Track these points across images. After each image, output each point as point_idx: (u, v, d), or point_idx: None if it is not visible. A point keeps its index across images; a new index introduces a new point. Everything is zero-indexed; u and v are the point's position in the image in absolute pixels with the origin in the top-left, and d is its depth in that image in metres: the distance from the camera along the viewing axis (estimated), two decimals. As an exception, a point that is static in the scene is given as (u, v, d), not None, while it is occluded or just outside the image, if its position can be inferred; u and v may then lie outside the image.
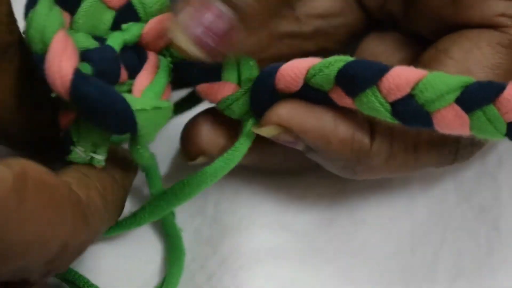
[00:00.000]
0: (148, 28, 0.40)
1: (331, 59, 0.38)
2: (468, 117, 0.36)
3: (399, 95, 0.37)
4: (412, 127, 0.38)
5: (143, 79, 0.40)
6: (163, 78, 0.40)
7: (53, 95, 0.37)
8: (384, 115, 0.37)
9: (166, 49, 0.41)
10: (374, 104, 0.37)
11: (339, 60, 0.38)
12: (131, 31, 0.40)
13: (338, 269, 0.43)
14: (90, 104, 0.36)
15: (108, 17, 0.40)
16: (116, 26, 0.40)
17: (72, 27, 0.39)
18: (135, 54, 0.40)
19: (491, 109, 0.36)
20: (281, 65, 0.39)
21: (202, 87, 0.41)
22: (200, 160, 0.42)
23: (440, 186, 0.45)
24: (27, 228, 0.31)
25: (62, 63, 0.35)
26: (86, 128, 0.39)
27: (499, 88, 0.36)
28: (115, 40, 0.40)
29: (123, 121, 0.37)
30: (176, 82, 0.41)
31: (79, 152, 0.39)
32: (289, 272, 0.42)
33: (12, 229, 0.31)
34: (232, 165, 0.40)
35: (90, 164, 0.39)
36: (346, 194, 0.45)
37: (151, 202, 0.41)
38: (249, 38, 0.39)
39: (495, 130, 0.37)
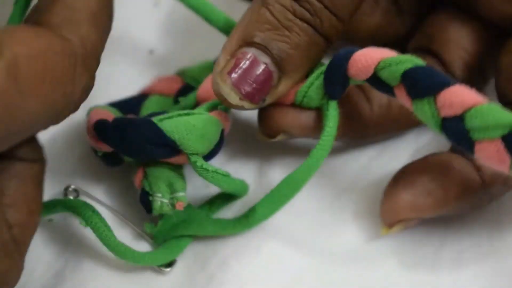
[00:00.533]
0: (201, 89, 0.44)
1: (403, 57, 0.39)
2: (510, 158, 0.36)
3: (450, 113, 0.37)
4: (456, 147, 0.38)
5: None
6: (204, 105, 0.42)
7: (99, 153, 0.42)
8: (433, 126, 0.38)
9: None
10: (427, 113, 0.38)
11: (409, 61, 0.38)
12: (187, 100, 0.45)
13: (338, 269, 0.43)
14: (116, 135, 0.40)
15: (169, 103, 0.46)
16: (177, 101, 0.46)
17: None
18: None
19: None
20: (355, 51, 0.40)
21: None
22: (279, 138, 0.43)
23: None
24: (30, 103, 0.33)
25: (91, 122, 0.42)
26: (153, 174, 0.41)
27: None
28: (172, 110, 0.43)
29: (149, 134, 0.39)
30: None
31: (158, 200, 0.41)
32: (291, 273, 0.42)
33: (15, 109, 0.33)
34: (329, 149, 0.41)
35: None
36: (346, 195, 0.45)
37: (266, 199, 0.42)
38: (291, 85, 0.41)
39: None
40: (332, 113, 0.41)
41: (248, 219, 0.42)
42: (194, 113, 0.41)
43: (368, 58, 0.39)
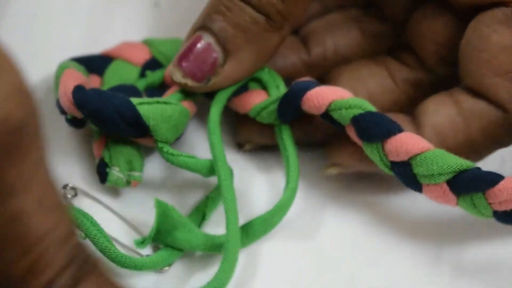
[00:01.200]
0: (167, 71, 0.44)
1: (353, 101, 0.40)
2: (456, 197, 0.39)
3: (397, 159, 0.39)
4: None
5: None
6: (177, 94, 0.44)
7: (68, 116, 0.42)
8: (383, 167, 0.40)
9: None
10: (376, 157, 0.40)
11: (358, 106, 0.40)
12: (155, 76, 0.46)
13: (340, 270, 0.42)
14: (94, 107, 0.41)
15: (134, 72, 0.46)
16: (144, 75, 0.46)
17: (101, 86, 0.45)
18: (159, 91, 0.45)
19: (479, 197, 0.39)
20: (309, 87, 0.41)
21: (232, 101, 0.44)
22: (248, 147, 0.46)
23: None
24: None
25: (67, 83, 0.42)
26: (115, 147, 0.42)
27: (493, 181, 0.38)
28: (140, 84, 0.45)
29: (126, 115, 0.40)
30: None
31: (115, 173, 0.42)
32: (291, 273, 0.42)
33: None
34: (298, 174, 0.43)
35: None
36: (345, 195, 0.45)
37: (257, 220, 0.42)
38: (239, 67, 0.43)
39: (480, 214, 0.39)
40: (286, 138, 0.43)
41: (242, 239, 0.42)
42: (171, 103, 0.42)
43: (320, 98, 0.41)
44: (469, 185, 0.38)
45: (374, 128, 0.40)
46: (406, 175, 0.39)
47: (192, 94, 0.44)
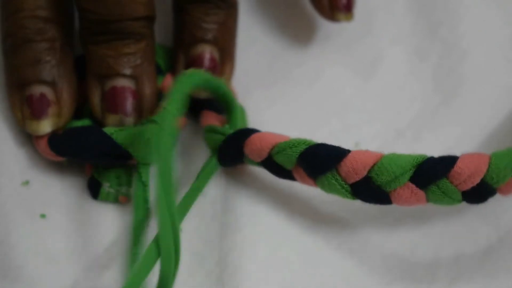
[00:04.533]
0: (166, 81, 0.44)
1: (296, 140, 0.40)
2: (424, 192, 0.39)
3: (357, 178, 0.39)
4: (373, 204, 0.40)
5: None
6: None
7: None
8: (345, 195, 0.40)
9: None
10: (335, 186, 0.40)
11: (302, 143, 0.40)
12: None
13: (337, 269, 0.42)
14: (72, 151, 0.42)
15: None
16: None
17: None
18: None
19: (444, 182, 0.39)
20: (253, 132, 0.41)
21: (202, 114, 0.45)
22: None
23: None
24: None
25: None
26: (103, 166, 0.43)
27: (450, 162, 0.39)
28: None
29: (105, 149, 0.41)
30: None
31: (106, 188, 0.43)
32: (288, 272, 0.42)
33: None
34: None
35: None
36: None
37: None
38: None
39: (451, 200, 0.39)
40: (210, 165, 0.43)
41: None
42: (155, 121, 0.41)
43: (262, 142, 0.41)
44: (431, 173, 0.39)
45: (325, 156, 0.40)
46: (371, 190, 0.39)
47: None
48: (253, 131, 0.41)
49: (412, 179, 0.39)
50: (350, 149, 0.40)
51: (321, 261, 0.42)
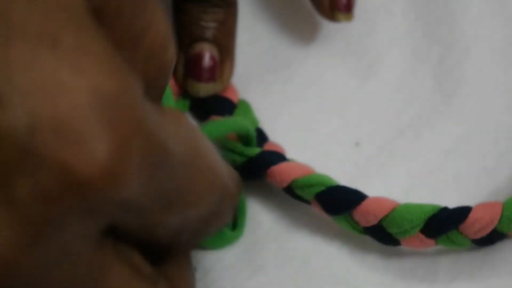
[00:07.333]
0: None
1: (313, 178, 0.41)
2: (434, 240, 0.40)
3: (368, 224, 0.40)
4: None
5: None
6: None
7: None
8: (358, 233, 0.41)
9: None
10: (348, 226, 0.41)
11: (320, 183, 0.41)
12: None
13: (337, 265, 0.42)
14: None
15: None
16: None
17: None
18: None
19: (454, 233, 0.40)
20: (274, 162, 0.41)
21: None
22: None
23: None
24: None
25: None
26: None
27: (462, 216, 0.40)
28: None
29: None
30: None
31: None
32: (287, 271, 0.42)
33: None
34: None
35: None
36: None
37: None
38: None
39: (460, 246, 0.41)
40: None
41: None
42: None
43: (282, 175, 0.41)
44: (441, 227, 0.40)
45: (339, 202, 0.41)
46: (382, 235, 0.41)
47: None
48: (272, 159, 0.42)
49: (423, 231, 0.40)
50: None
51: (321, 261, 0.42)
